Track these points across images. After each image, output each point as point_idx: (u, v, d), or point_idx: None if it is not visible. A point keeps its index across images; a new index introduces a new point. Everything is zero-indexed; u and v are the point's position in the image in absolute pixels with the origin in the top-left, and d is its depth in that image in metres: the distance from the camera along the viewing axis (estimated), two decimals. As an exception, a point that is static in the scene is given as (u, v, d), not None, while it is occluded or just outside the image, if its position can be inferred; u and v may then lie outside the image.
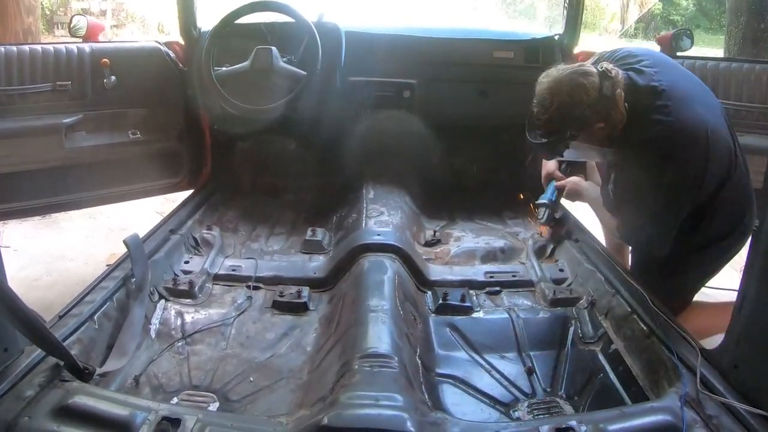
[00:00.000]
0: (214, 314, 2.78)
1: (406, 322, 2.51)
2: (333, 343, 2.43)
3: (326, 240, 3.51)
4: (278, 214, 3.95)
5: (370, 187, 3.87)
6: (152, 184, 4.06)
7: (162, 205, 5.28)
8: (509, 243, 3.50)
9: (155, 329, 2.65)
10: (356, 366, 2.06)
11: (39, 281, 4.35)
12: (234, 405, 2.26)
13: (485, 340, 2.63)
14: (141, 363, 2.43)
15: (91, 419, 1.80)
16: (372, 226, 3.28)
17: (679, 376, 2.06)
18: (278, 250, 3.53)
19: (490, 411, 2.27)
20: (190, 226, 3.47)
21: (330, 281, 3.03)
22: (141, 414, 1.81)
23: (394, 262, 2.93)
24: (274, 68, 3.58)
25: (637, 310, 2.48)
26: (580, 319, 2.76)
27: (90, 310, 2.38)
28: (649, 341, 2.34)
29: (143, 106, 3.84)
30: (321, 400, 2.00)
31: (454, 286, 2.99)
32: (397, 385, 1.97)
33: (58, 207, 3.91)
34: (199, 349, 2.57)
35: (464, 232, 3.69)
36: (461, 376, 2.42)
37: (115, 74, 3.66)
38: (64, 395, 1.86)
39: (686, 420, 1.85)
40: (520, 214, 3.95)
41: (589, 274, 2.92)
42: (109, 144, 3.72)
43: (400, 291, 2.68)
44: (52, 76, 3.53)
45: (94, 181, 3.77)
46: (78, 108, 3.61)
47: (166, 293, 2.86)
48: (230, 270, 3.13)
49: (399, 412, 1.79)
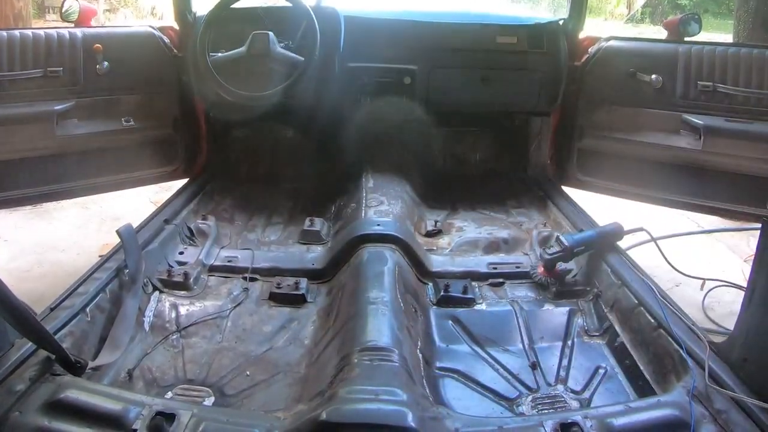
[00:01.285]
0: (210, 306, 2.78)
1: (407, 314, 2.50)
2: (331, 336, 2.43)
3: (324, 230, 3.49)
4: (275, 203, 3.94)
5: (370, 175, 3.85)
6: (146, 172, 4.05)
7: (156, 194, 5.26)
8: (513, 233, 3.49)
9: (149, 322, 2.65)
10: (355, 360, 2.06)
11: (30, 272, 4.33)
12: (230, 400, 2.26)
13: (488, 333, 2.63)
14: (134, 356, 2.43)
15: (83, 414, 1.80)
16: (371, 216, 3.27)
17: (687, 370, 2.07)
18: (275, 241, 3.51)
19: (493, 406, 2.27)
20: (184, 215, 3.46)
21: (328, 272, 3.02)
22: (134, 409, 1.81)
23: (395, 253, 2.92)
24: (271, 54, 3.56)
25: (644, 302, 2.48)
26: (585, 312, 2.76)
27: (82, 303, 2.38)
28: (656, 334, 2.34)
29: (137, 92, 3.83)
30: (319, 394, 1.99)
31: (456, 277, 2.98)
32: (397, 380, 1.97)
33: (49, 196, 3.89)
34: (194, 342, 2.57)
35: (466, 222, 3.67)
36: (463, 370, 2.42)
37: (108, 60, 3.64)
38: (55, 389, 1.86)
39: (694, 415, 1.85)
40: (524, 203, 3.94)
41: (595, 266, 2.92)
42: (102, 131, 3.70)
43: (400, 282, 2.67)
44: (44, 62, 3.51)
45: (87, 170, 3.75)
46: (70, 94, 3.59)
47: (160, 285, 2.85)
48: (226, 261, 3.12)
49: (399, 407, 1.79)
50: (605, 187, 4.05)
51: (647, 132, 3.72)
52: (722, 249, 4.90)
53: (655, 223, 3.54)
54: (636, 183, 3.87)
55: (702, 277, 3.87)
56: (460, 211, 3.86)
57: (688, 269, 3.40)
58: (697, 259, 4.32)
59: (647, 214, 4.20)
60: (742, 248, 4.82)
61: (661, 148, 3.66)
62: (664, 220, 4.50)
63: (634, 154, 3.81)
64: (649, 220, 3.37)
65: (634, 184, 3.88)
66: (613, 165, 3.92)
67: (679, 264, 3.18)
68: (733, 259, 4.72)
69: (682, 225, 4.82)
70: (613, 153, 3.90)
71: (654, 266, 3.12)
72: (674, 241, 3.80)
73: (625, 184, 3.93)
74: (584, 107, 3.95)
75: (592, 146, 3.96)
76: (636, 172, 3.83)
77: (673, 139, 3.61)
